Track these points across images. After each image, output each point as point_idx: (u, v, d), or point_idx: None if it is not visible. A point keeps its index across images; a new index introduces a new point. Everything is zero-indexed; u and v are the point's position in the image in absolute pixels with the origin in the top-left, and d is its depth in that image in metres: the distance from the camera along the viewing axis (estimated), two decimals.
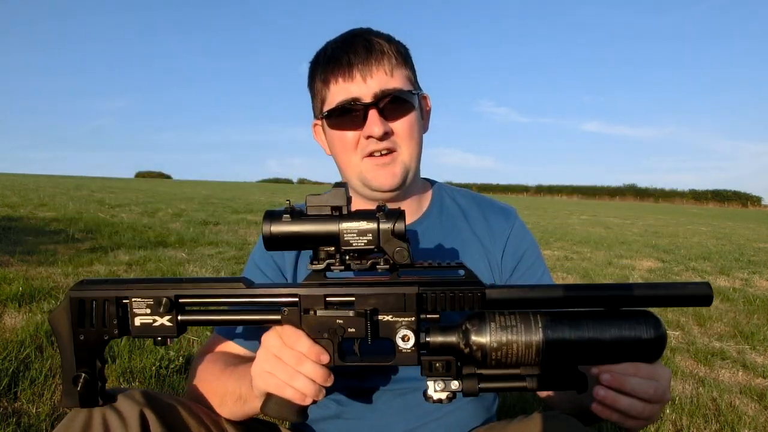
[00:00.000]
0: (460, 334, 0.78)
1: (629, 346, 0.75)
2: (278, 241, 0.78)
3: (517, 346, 0.75)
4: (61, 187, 20.58)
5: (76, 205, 11.61)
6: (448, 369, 0.79)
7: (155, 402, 0.87)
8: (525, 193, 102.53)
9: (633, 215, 25.22)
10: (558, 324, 0.76)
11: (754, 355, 3.35)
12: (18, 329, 2.76)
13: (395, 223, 0.76)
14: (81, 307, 0.82)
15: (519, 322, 0.76)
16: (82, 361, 0.82)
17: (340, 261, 0.79)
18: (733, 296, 5.13)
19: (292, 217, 0.77)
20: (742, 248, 10.25)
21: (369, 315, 0.78)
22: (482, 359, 0.77)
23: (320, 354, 0.81)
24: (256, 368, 0.84)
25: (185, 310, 0.84)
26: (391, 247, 0.77)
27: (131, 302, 0.81)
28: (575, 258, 7.60)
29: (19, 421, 1.87)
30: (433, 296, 0.79)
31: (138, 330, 0.82)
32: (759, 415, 2.42)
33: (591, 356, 0.76)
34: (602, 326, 0.75)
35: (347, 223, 0.77)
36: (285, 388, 0.81)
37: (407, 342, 0.79)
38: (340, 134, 1.08)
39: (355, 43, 1.06)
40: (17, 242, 5.71)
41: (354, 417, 1.09)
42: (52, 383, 2.19)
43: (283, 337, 0.82)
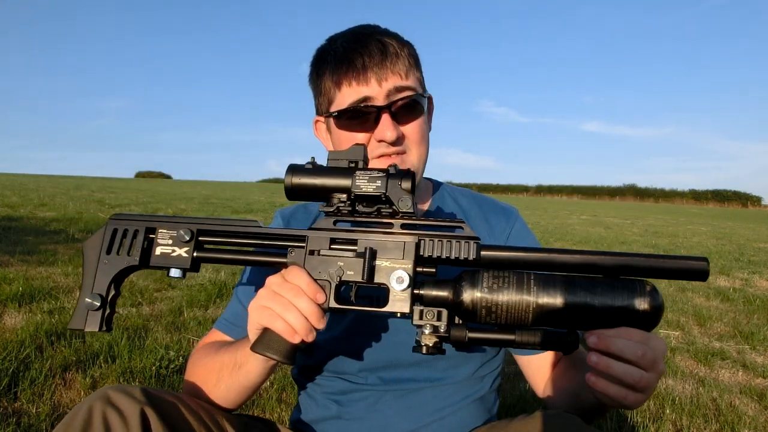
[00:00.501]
0: (453, 287, 0.80)
1: (623, 313, 0.75)
2: (298, 190, 0.85)
3: (508, 304, 0.76)
4: (61, 187, 20.58)
5: (76, 205, 11.62)
6: (439, 318, 0.81)
7: (156, 400, 0.87)
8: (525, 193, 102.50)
9: (633, 215, 25.23)
10: (551, 286, 0.76)
11: (754, 355, 3.35)
12: (18, 329, 2.76)
13: (403, 177, 0.83)
14: (114, 234, 0.89)
15: (512, 281, 0.77)
16: (99, 284, 0.87)
17: (350, 204, 0.84)
18: (733, 296, 5.12)
19: (313, 167, 0.85)
20: (742, 248, 10.26)
21: (368, 256, 0.81)
22: (472, 310, 0.78)
23: (317, 292, 0.82)
24: (253, 303, 0.85)
25: (203, 248, 0.89)
26: (396, 196, 0.82)
27: (158, 233, 0.88)
28: None
29: (19, 421, 1.87)
30: (431, 244, 0.81)
31: (156, 259, 0.88)
32: (759, 415, 2.42)
33: (582, 321, 0.76)
34: (596, 292, 0.75)
35: (361, 171, 0.83)
36: (276, 320, 0.82)
37: (401, 283, 0.80)
38: (349, 135, 1.07)
39: (368, 44, 1.04)
40: (17, 242, 5.71)
41: (355, 417, 1.09)
42: (52, 383, 2.19)
43: (286, 274, 0.83)
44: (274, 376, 2.45)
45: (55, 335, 2.70)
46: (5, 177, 36.18)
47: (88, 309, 0.86)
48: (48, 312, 3.16)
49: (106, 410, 0.82)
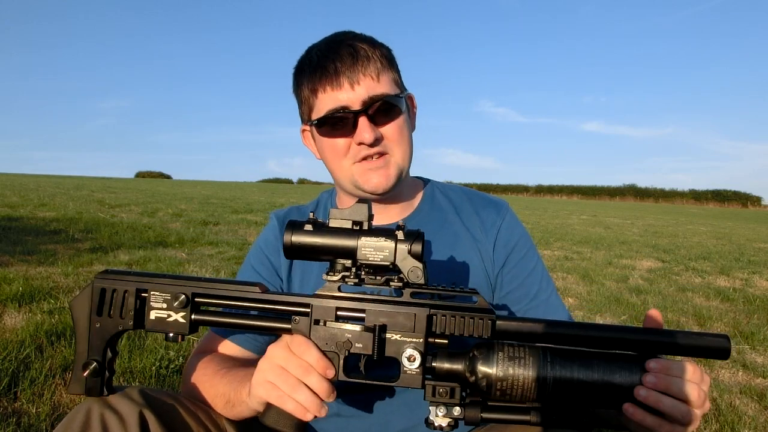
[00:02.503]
0: (467, 361, 0.77)
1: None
2: (298, 250, 0.80)
3: (523, 380, 0.74)
4: (61, 187, 20.59)
5: (76, 205, 11.62)
6: (452, 395, 0.78)
7: (154, 402, 0.87)
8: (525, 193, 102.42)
9: (633, 215, 25.23)
10: (568, 362, 0.74)
11: (754, 355, 3.35)
12: (18, 329, 2.76)
13: (413, 243, 0.77)
14: (102, 295, 0.84)
15: (528, 356, 0.75)
16: (95, 349, 0.84)
17: (355, 274, 0.80)
18: (733, 296, 5.12)
19: (314, 228, 0.79)
20: (742, 248, 10.26)
21: (378, 331, 0.78)
22: (487, 389, 0.75)
23: (327, 367, 0.79)
24: (258, 377, 0.82)
25: (200, 310, 0.85)
26: (406, 266, 0.77)
27: (150, 295, 0.83)
28: (575, 258, 7.60)
29: (19, 421, 1.87)
30: (443, 319, 0.78)
31: (152, 323, 0.83)
32: (759, 415, 2.42)
33: (599, 398, 0.74)
34: (613, 369, 0.74)
35: (366, 238, 0.78)
36: (287, 401, 0.79)
37: (413, 362, 0.78)
38: (330, 141, 1.08)
39: (340, 50, 1.06)
40: (17, 242, 5.71)
41: (354, 415, 1.09)
42: (52, 383, 2.19)
43: (292, 346, 0.81)
44: None
45: (55, 335, 2.70)
46: (5, 177, 36.18)
47: (87, 375, 0.83)
48: (48, 312, 3.16)
49: (104, 412, 0.82)
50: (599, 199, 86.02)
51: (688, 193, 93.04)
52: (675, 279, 6.19)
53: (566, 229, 13.27)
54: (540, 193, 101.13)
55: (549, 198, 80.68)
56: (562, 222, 16.30)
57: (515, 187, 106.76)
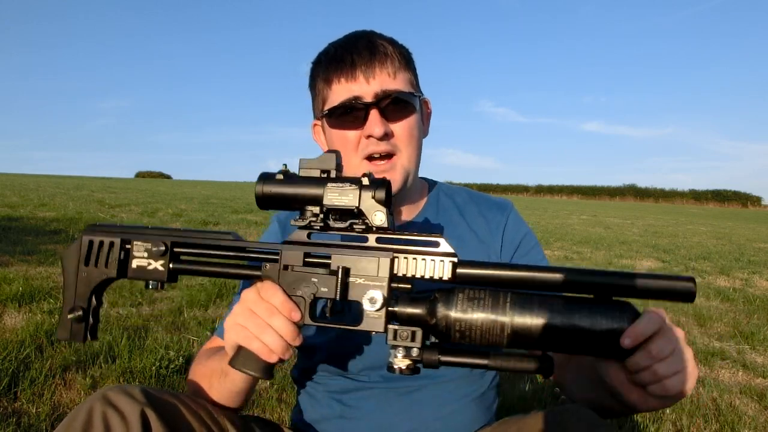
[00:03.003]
0: (429, 304, 0.77)
1: (602, 337, 0.72)
2: (269, 200, 0.82)
3: (482, 322, 0.74)
4: (61, 187, 20.59)
5: (76, 205, 11.62)
6: (413, 339, 0.78)
7: (156, 401, 0.87)
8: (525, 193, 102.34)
9: (633, 215, 25.23)
10: (528, 307, 0.73)
11: (754, 355, 3.36)
12: (18, 329, 2.76)
13: (377, 189, 0.79)
14: (90, 246, 0.88)
15: (487, 299, 0.75)
16: (80, 297, 0.88)
17: (322, 219, 0.82)
18: (733, 296, 5.13)
19: (284, 177, 0.82)
20: (742, 248, 10.26)
21: (341, 273, 0.80)
22: (446, 331, 0.76)
23: (292, 310, 0.81)
24: (229, 321, 0.85)
25: (179, 260, 0.88)
26: (370, 210, 0.79)
27: (133, 245, 0.87)
28: (575, 258, 7.61)
29: (19, 421, 1.87)
30: (405, 261, 0.79)
31: (133, 271, 0.87)
32: (759, 415, 2.42)
33: (560, 344, 0.73)
34: (575, 314, 0.72)
35: (333, 184, 0.80)
36: (253, 341, 0.82)
37: (374, 304, 0.78)
38: (340, 133, 1.08)
39: (358, 44, 1.07)
40: (17, 242, 5.71)
41: (357, 417, 1.09)
42: (52, 383, 2.19)
43: (261, 291, 0.83)
44: (274, 376, 2.45)
45: (55, 335, 2.70)
46: (5, 177, 36.18)
47: (72, 321, 0.87)
48: (48, 312, 3.16)
49: (107, 411, 0.82)
50: (599, 199, 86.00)
51: (688, 193, 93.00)
52: None
53: (566, 229, 13.27)
54: (540, 193, 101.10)
55: (549, 198, 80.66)
56: (562, 222, 16.30)
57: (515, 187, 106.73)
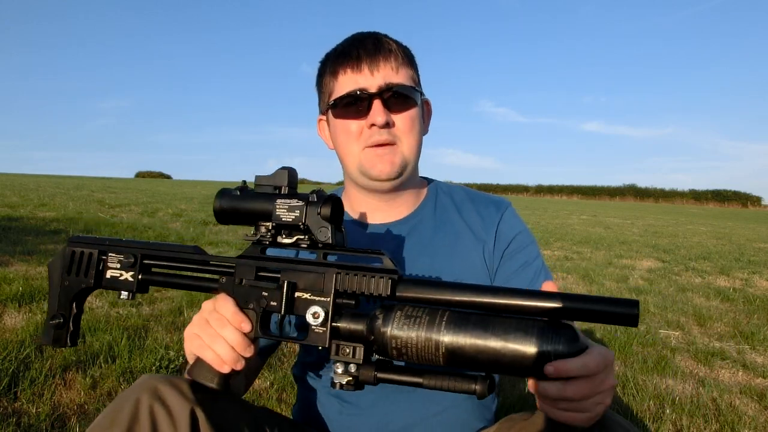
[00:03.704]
0: (368, 321, 0.78)
1: (534, 360, 0.68)
2: (226, 215, 0.87)
3: (417, 340, 0.73)
4: (61, 187, 20.59)
5: (76, 205, 11.62)
6: (354, 355, 0.79)
7: (204, 398, 0.86)
8: (525, 193, 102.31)
9: (633, 215, 25.23)
10: (463, 325, 0.72)
11: (754, 355, 3.36)
12: (18, 329, 2.76)
13: (322, 205, 0.81)
14: (72, 257, 0.94)
15: (424, 317, 0.74)
16: (62, 304, 0.94)
17: (272, 235, 0.85)
18: (733, 296, 5.12)
19: (240, 193, 0.86)
20: (742, 248, 10.26)
21: (287, 288, 0.83)
22: (383, 348, 0.76)
23: (242, 322, 0.84)
24: (187, 330, 0.88)
25: (149, 272, 0.93)
26: (316, 226, 0.82)
27: (108, 257, 0.93)
28: (575, 258, 7.61)
29: (19, 421, 1.87)
30: (347, 277, 0.80)
31: (107, 281, 0.93)
32: (759, 415, 2.42)
33: (494, 365, 0.71)
34: (512, 335, 0.69)
35: (281, 199, 0.83)
36: (205, 350, 0.84)
37: (317, 319, 0.80)
38: (344, 123, 1.12)
39: (365, 41, 1.12)
40: (17, 242, 5.71)
41: (356, 412, 1.10)
42: (52, 383, 2.19)
43: (215, 303, 0.86)
44: (274, 376, 2.45)
45: None
46: (5, 177, 36.18)
47: (53, 327, 0.93)
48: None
49: (154, 405, 0.81)
50: (599, 199, 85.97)
51: (688, 193, 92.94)
52: (675, 279, 6.19)
53: (566, 229, 13.27)
54: (540, 193, 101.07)
55: (549, 198, 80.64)
56: (562, 222, 16.30)
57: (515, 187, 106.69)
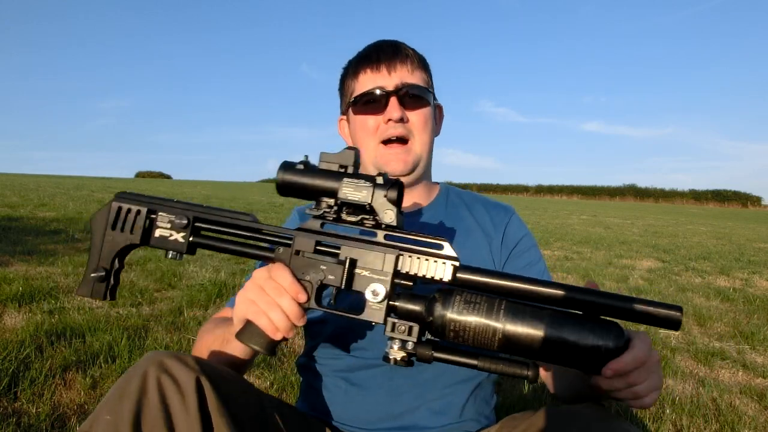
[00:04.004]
0: (427, 303, 0.81)
1: (585, 353, 0.75)
2: (287, 187, 0.87)
3: (475, 325, 0.78)
4: (61, 187, 20.59)
5: (76, 205, 11.62)
6: (410, 333, 0.82)
7: (209, 369, 0.88)
8: (525, 193, 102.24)
9: (633, 215, 25.23)
10: (519, 315, 0.77)
11: (754, 355, 3.35)
12: (18, 329, 2.76)
13: (389, 189, 0.83)
14: (118, 213, 0.94)
15: (483, 304, 0.78)
16: (104, 258, 0.94)
17: (336, 211, 0.86)
18: (733, 296, 5.12)
19: (305, 168, 0.86)
20: (742, 248, 10.26)
21: (348, 264, 0.85)
22: (441, 330, 0.79)
23: (299, 292, 0.85)
24: (240, 296, 0.89)
25: (199, 234, 0.94)
26: (381, 208, 0.83)
27: (158, 216, 0.93)
28: (575, 258, 7.61)
29: (19, 421, 1.87)
30: (409, 259, 0.83)
31: (155, 240, 0.93)
32: (759, 415, 2.42)
33: (545, 354, 0.77)
34: (563, 327, 0.75)
35: (349, 179, 0.84)
36: (260, 316, 0.86)
37: (376, 297, 0.82)
38: (362, 119, 1.21)
39: (384, 46, 1.23)
40: (17, 242, 5.71)
41: (362, 394, 1.13)
42: (52, 383, 2.19)
43: (271, 271, 0.87)
44: (274, 376, 2.45)
45: (55, 335, 2.70)
46: (5, 177, 36.17)
47: (94, 280, 0.93)
48: (48, 312, 3.16)
49: (161, 377, 0.82)
50: (599, 199, 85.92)
51: (688, 193, 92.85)
52: (675, 279, 6.19)
53: (566, 229, 13.27)
54: (540, 193, 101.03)
55: (549, 198, 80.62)
56: (562, 222, 16.30)
57: (515, 187, 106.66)
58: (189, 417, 0.80)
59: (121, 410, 0.79)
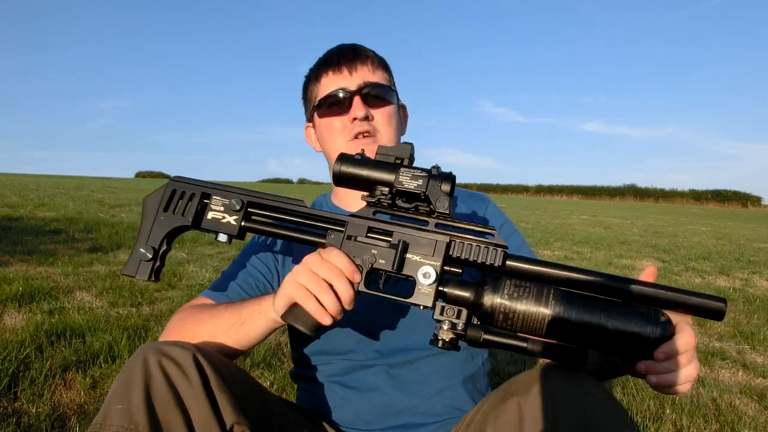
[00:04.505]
0: (476, 289, 0.83)
1: (634, 340, 0.78)
2: (345, 178, 0.89)
3: (524, 311, 0.79)
4: (61, 187, 20.58)
5: (76, 205, 11.62)
6: (458, 316, 0.84)
7: (203, 349, 0.88)
8: (525, 193, 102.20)
9: (633, 215, 25.22)
10: (569, 303, 0.79)
11: (754, 355, 3.35)
12: (18, 329, 2.76)
13: (443, 180, 0.85)
14: (172, 195, 0.96)
15: (532, 292, 0.80)
16: (153, 238, 0.95)
17: (391, 198, 0.88)
18: (733, 296, 5.12)
19: (362, 159, 0.89)
20: (742, 248, 10.26)
21: (400, 248, 0.86)
22: (490, 315, 0.81)
23: (355, 272, 0.86)
24: (290, 278, 0.88)
25: (251, 219, 0.95)
26: (435, 196, 0.85)
27: (212, 199, 0.95)
28: (575, 258, 7.61)
29: (19, 421, 1.87)
30: (461, 246, 0.85)
31: (207, 222, 0.95)
32: (759, 415, 2.42)
33: (594, 341, 0.79)
34: (611, 315, 0.78)
35: (405, 169, 0.87)
36: (310, 300, 0.86)
37: (427, 279, 0.84)
38: (328, 121, 1.22)
39: (344, 49, 1.24)
40: (17, 242, 5.71)
41: (358, 397, 1.13)
42: (52, 383, 2.19)
43: (324, 254, 0.88)
44: (274, 376, 2.45)
45: (55, 335, 2.70)
46: (5, 177, 36.17)
47: (140, 259, 0.93)
48: (48, 312, 3.16)
49: (162, 360, 0.83)
50: (599, 199, 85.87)
51: (688, 193, 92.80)
52: (675, 279, 6.19)
53: (566, 229, 13.26)
54: (540, 193, 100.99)
55: (549, 198, 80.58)
56: (562, 222, 16.30)
57: (515, 187, 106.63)
58: (196, 393, 0.81)
59: (131, 398, 0.79)
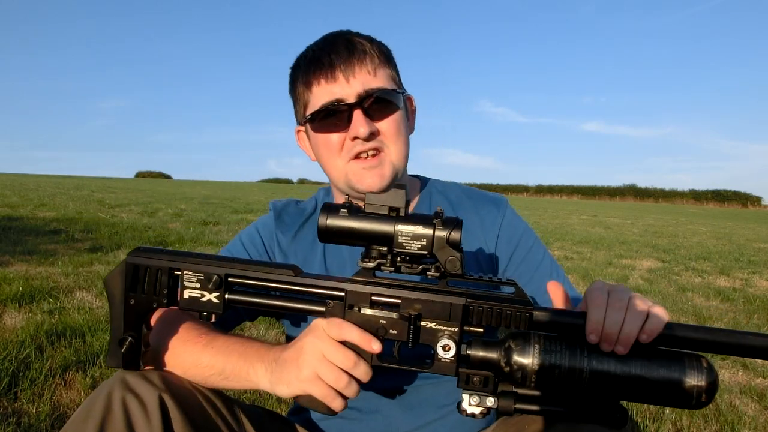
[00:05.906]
0: (503, 351, 0.77)
1: (676, 389, 0.73)
2: (332, 233, 0.77)
3: (559, 372, 0.74)
4: (61, 187, 20.58)
5: (76, 205, 11.61)
6: (486, 384, 0.78)
7: (173, 387, 0.85)
8: (525, 193, 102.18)
9: (633, 215, 25.21)
10: (605, 355, 0.74)
11: None
12: (18, 329, 2.76)
13: (451, 231, 0.75)
14: (135, 272, 0.83)
15: (564, 348, 0.75)
16: (129, 324, 0.84)
17: (391, 262, 0.78)
18: (733, 296, 5.12)
19: (349, 212, 0.77)
20: (742, 248, 10.25)
21: (413, 320, 0.78)
22: (522, 380, 0.76)
23: (372, 341, 0.78)
24: (307, 371, 0.80)
25: (233, 290, 0.84)
26: (444, 255, 0.75)
27: (183, 275, 0.82)
28: (575, 258, 7.60)
29: (19, 421, 1.87)
30: (480, 310, 0.78)
31: (186, 302, 0.83)
32: (759, 415, 2.42)
33: (634, 393, 0.75)
34: (651, 365, 0.74)
35: (403, 225, 0.75)
36: (330, 393, 0.80)
37: (448, 352, 0.77)
38: (324, 137, 1.06)
39: (336, 44, 1.04)
40: (17, 242, 5.71)
41: (358, 417, 1.08)
42: (52, 383, 2.19)
43: (330, 330, 0.80)
44: None
45: (55, 335, 2.70)
46: (5, 177, 36.16)
47: (123, 349, 0.83)
48: (48, 312, 3.16)
49: (126, 396, 0.81)
50: (599, 199, 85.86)
51: (688, 193, 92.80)
52: (675, 279, 6.19)
53: (566, 229, 13.26)
54: (540, 193, 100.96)
55: (549, 198, 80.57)
56: (562, 222, 16.30)
57: (515, 187, 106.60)
58: None
59: (85, 430, 0.78)
